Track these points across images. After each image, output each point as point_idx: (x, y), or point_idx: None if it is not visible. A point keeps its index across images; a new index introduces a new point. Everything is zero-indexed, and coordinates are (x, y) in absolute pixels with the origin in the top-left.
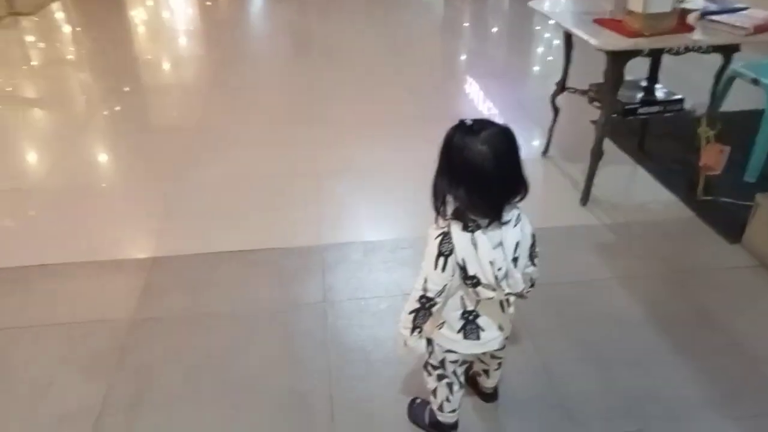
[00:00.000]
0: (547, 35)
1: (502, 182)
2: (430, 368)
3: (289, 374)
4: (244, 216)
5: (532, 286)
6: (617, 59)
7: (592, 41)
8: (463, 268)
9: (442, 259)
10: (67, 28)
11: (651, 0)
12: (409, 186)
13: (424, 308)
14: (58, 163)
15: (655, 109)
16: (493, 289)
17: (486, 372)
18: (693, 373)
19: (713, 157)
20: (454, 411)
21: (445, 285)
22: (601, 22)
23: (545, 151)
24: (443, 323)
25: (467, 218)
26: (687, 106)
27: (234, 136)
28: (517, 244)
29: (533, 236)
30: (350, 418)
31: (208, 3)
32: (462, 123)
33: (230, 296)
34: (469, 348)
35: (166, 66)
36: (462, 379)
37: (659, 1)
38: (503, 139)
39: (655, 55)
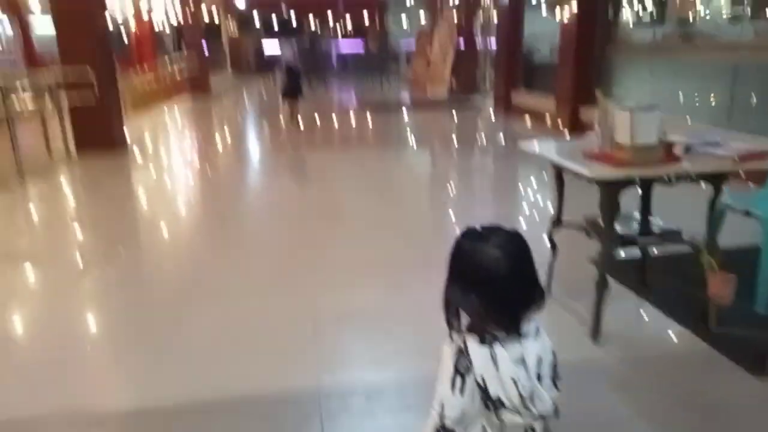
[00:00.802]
0: (533, 178)
1: (517, 287)
2: None
3: None
4: (236, 362)
5: (555, 413)
6: (611, 189)
7: (585, 172)
8: (483, 389)
9: (459, 379)
10: (68, 191)
11: (637, 132)
12: (409, 327)
13: None
14: (45, 315)
15: (653, 240)
16: (519, 412)
17: None
18: None
19: (721, 286)
20: None
21: (464, 410)
22: (591, 156)
23: (547, 290)
24: None
25: (483, 330)
26: (685, 237)
27: (230, 285)
28: (540, 360)
29: (554, 353)
30: None
31: (209, 172)
32: (471, 229)
33: None
34: None
35: (164, 226)
36: None
37: (645, 133)
38: (515, 243)
39: (647, 186)
